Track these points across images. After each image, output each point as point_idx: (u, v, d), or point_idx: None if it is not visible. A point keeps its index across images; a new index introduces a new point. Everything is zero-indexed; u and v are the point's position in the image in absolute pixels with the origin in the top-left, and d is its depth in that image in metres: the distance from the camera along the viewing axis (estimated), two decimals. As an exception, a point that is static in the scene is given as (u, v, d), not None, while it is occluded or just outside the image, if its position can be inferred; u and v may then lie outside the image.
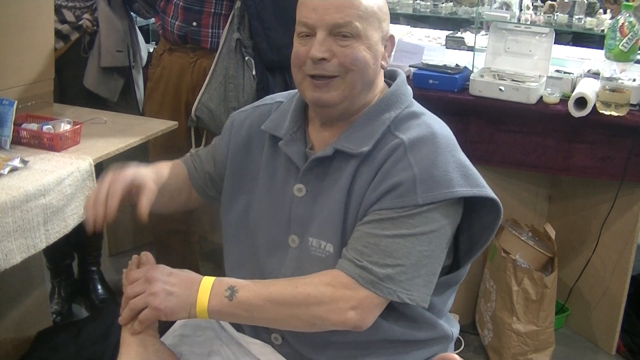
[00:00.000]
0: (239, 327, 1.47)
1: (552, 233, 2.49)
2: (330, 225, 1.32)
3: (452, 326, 1.46)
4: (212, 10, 2.23)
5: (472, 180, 1.29)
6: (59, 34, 2.31)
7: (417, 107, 1.39)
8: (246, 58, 2.20)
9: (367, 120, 1.34)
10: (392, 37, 1.38)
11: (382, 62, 1.36)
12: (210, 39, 2.25)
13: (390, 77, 1.43)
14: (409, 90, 1.41)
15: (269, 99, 1.56)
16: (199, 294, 1.27)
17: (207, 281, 1.28)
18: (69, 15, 2.34)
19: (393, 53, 1.42)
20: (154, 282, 1.28)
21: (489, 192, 1.31)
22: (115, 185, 1.31)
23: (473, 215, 1.36)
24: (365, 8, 1.29)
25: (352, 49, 1.29)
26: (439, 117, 1.39)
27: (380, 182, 1.28)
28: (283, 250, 1.39)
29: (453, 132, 1.37)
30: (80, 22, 2.35)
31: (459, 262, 1.42)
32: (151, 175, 1.40)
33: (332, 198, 1.32)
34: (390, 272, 1.24)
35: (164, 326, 1.42)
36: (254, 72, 2.20)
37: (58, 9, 2.29)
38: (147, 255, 1.37)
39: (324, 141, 1.38)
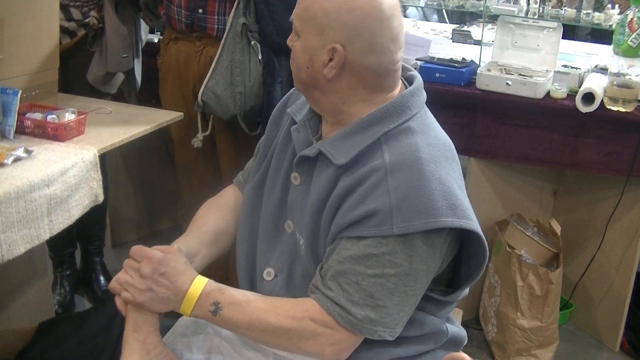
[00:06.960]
0: None
1: (558, 228, 2.47)
2: (306, 223, 1.32)
3: (450, 322, 1.46)
4: None
5: (460, 211, 1.21)
6: (65, 31, 2.33)
7: (420, 122, 1.29)
8: (252, 43, 2.19)
9: (357, 129, 1.27)
10: (338, 52, 1.23)
11: (325, 71, 1.26)
12: (216, 26, 2.24)
13: (409, 80, 1.37)
14: (418, 100, 1.32)
15: None
16: (184, 303, 1.30)
17: (194, 292, 1.30)
18: (76, 14, 2.35)
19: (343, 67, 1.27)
20: (143, 279, 1.31)
21: (474, 226, 1.24)
22: None
23: (471, 248, 1.32)
24: (307, 9, 1.26)
25: (294, 47, 1.31)
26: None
27: (357, 204, 1.22)
28: (280, 234, 1.42)
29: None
30: (87, 20, 2.37)
31: (458, 283, 1.39)
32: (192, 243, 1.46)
33: (313, 198, 1.32)
34: (369, 314, 1.22)
35: (164, 327, 1.41)
36: (260, 57, 2.20)
37: (65, 8, 2.31)
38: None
39: (326, 136, 1.37)
